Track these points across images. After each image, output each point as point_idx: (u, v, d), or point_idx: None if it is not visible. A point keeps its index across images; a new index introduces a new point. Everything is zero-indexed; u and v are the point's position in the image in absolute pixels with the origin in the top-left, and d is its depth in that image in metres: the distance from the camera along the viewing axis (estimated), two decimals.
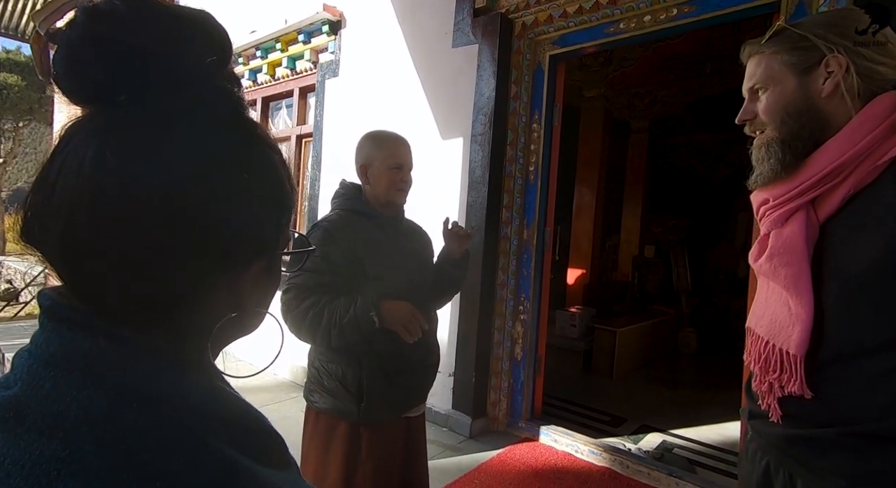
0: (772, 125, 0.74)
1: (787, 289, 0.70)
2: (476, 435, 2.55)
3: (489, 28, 2.56)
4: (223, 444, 0.30)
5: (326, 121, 3.36)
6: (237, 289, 0.35)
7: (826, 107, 0.69)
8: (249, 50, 3.81)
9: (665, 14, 2.12)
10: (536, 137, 2.58)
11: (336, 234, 1.16)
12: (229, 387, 0.37)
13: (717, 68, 4.45)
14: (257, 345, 0.95)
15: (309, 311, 1.10)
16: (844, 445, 0.64)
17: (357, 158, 1.26)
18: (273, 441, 0.35)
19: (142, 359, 0.30)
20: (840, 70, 0.67)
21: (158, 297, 0.31)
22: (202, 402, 0.31)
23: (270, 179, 0.36)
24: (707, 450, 2.54)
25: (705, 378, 3.92)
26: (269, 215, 0.36)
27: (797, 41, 0.70)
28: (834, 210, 0.67)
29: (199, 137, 0.31)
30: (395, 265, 1.19)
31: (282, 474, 0.33)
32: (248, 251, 0.35)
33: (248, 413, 0.34)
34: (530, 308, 2.60)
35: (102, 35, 0.30)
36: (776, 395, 0.71)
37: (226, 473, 0.29)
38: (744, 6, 1.93)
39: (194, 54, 0.32)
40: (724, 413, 2.94)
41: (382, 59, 3.05)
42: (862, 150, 0.64)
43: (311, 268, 1.13)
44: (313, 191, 3.41)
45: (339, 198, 1.27)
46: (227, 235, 0.32)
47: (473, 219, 2.59)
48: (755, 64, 0.75)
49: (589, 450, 2.33)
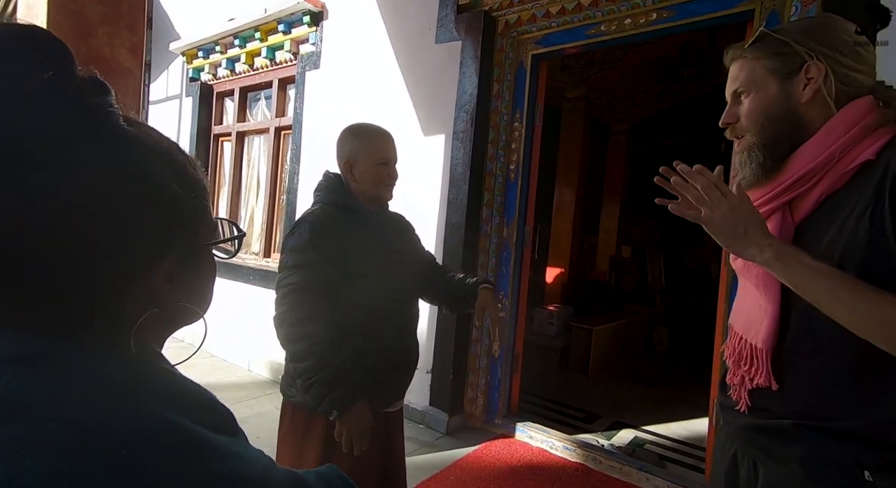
0: (752, 129, 0.75)
1: (758, 287, 0.72)
2: (452, 431, 2.56)
3: (472, 25, 2.56)
4: (179, 416, 0.32)
5: (306, 113, 3.30)
6: (150, 287, 0.37)
7: (805, 112, 0.71)
8: (227, 38, 3.71)
9: (644, 18, 2.16)
10: (518, 136, 2.59)
11: (323, 229, 1.13)
12: (175, 370, 0.39)
13: (695, 74, 4.56)
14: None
15: (301, 326, 1.07)
16: (800, 435, 0.67)
17: (340, 154, 1.23)
18: (220, 412, 0.37)
19: (90, 352, 0.33)
20: (819, 76, 0.69)
21: (65, 303, 0.33)
22: (154, 382, 0.34)
23: (149, 183, 0.36)
24: (676, 446, 2.61)
25: (676, 376, 4.02)
26: (152, 219, 0.36)
27: (778, 47, 0.72)
28: (808, 212, 0.70)
29: (57, 155, 0.32)
30: (380, 262, 1.18)
31: (235, 439, 0.35)
32: (139, 254, 0.36)
33: (197, 390, 0.37)
34: (509, 305, 2.61)
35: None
36: (747, 387, 0.74)
37: (187, 441, 0.31)
38: (720, 13, 1.97)
39: (26, 75, 0.31)
40: (693, 409, 3.03)
41: (365, 52, 3.01)
42: (832, 155, 0.66)
43: (304, 263, 1.10)
44: (292, 185, 3.35)
45: (323, 192, 1.23)
46: (106, 244, 0.34)
47: (454, 216, 2.59)
48: (738, 68, 0.77)
49: (563, 446, 2.37)
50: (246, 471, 0.33)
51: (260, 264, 3.61)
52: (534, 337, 3.90)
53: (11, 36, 0.32)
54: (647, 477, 2.12)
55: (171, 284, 0.39)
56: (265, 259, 3.67)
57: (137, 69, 1.98)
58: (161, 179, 0.37)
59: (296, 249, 1.12)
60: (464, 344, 2.64)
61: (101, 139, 0.34)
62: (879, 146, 0.64)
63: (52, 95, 0.32)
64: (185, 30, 4.22)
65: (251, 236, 3.95)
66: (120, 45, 1.80)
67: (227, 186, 4.09)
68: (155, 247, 0.37)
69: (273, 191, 3.69)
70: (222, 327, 3.73)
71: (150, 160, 0.37)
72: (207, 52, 3.96)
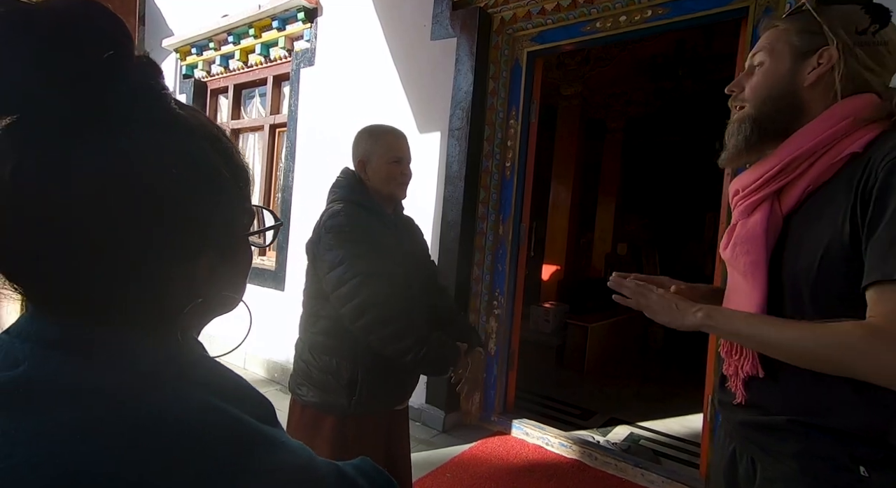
0: (752, 102, 0.74)
1: (745, 276, 0.72)
2: (449, 429, 2.56)
3: (468, 22, 2.55)
4: (228, 405, 0.32)
5: (301, 111, 3.28)
6: (193, 278, 0.36)
7: (807, 96, 0.70)
8: (221, 35, 3.68)
9: (640, 15, 2.16)
10: (513, 133, 2.59)
11: (359, 220, 1.13)
12: (216, 360, 0.39)
13: (689, 72, 4.57)
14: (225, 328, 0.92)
15: (385, 308, 1.07)
16: (795, 431, 0.67)
17: (354, 153, 1.23)
18: (263, 402, 0.37)
19: (138, 341, 0.33)
20: (829, 63, 0.67)
21: (113, 291, 0.32)
22: (201, 371, 0.34)
23: (201, 170, 0.35)
24: (671, 442, 2.63)
25: (671, 372, 4.05)
26: (203, 207, 0.35)
27: (810, 25, 0.69)
28: (794, 204, 0.69)
29: (111, 137, 0.31)
30: (393, 261, 1.17)
31: (280, 430, 0.35)
32: (187, 242, 0.35)
33: (240, 380, 0.37)
34: (505, 303, 2.61)
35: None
36: (741, 378, 0.75)
37: (238, 430, 0.31)
38: (715, 10, 1.98)
39: (85, 55, 0.30)
40: (688, 406, 3.05)
41: (360, 49, 2.99)
42: (821, 144, 0.65)
43: (364, 252, 1.09)
44: (287, 182, 3.33)
45: (344, 189, 1.20)
46: (158, 231, 0.33)
47: (450, 214, 2.59)
48: (766, 37, 0.75)
49: (559, 443, 2.38)
50: (293, 461, 0.33)
51: (255, 262, 3.59)
52: (530, 334, 3.91)
53: (71, 11, 0.30)
54: (643, 473, 2.13)
55: (213, 274, 0.38)
56: (260, 257, 3.65)
57: None
58: (211, 166, 0.36)
59: (349, 240, 1.10)
60: None
61: (156, 122, 0.33)
62: (868, 139, 0.63)
63: (110, 75, 0.31)
64: (178, 26, 4.18)
65: None
66: None
67: None
68: (202, 236, 0.36)
69: (268, 189, 3.67)
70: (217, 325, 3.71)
71: (201, 145, 0.36)
72: (201, 48, 3.92)
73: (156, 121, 0.33)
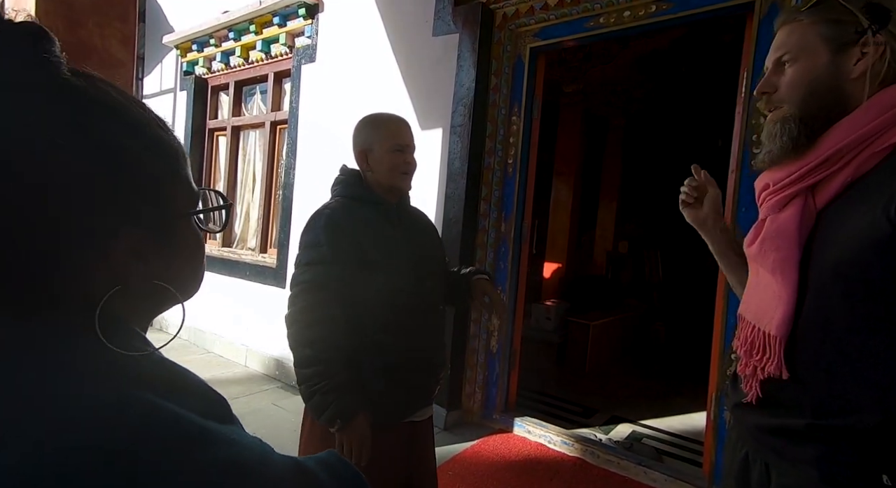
0: (792, 101, 0.70)
1: (774, 273, 0.69)
2: (451, 427, 2.56)
3: (470, 17, 2.53)
4: (164, 400, 0.30)
5: (302, 107, 3.26)
6: (112, 262, 0.34)
7: (851, 89, 0.66)
8: (222, 31, 3.66)
9: (644, 10, 2.14)
10: (516, 130, 2.57)
11: (341, 221, 1.08)
12: (160, 354, 0.37)
13: (692, 68, 4.54)
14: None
15: (310, 329, 1.03)
16: (814, 436, 0.65)
17: (355, 144, 1.17)
18: (211, 397, 0.35)
19: (56, 334, 0.31)
20: (875, 53, 0.63)
21: (13, 281, 0.30)
22: (134, 366, 0.32)
23: (96, 141, 0.33)
24: (674, 440, 2.62)
25: (674, 370, 4.04)
26: (103, 183, 0.33)
27: (840, 13, 0.65)
28: (832, 196, 0.66)
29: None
30: (399, 253, 1.12)
31: (231, 427, 0.34)
32: (91, 223, 0.32)
33: (184, 374, 0.35)
34: (506, 301, 2.61)
35: None
36: (759, 378, 0.72)
37: (178, 427, 0.29)
38: (719, 5, 1.96)
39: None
40: (690, 403, 3.04)
41: (361, 45, 2.98)
42: (864, 136, 0.62)
43: (318, 259, 1.06)
44: (288, 180, 3.32)
45: (340, 185, 1.18)
46: (51, 210, 0.30)
47: (451, 211, 2.58)
48: (787, 32, 0.71)
49: (561, 441, 2.37)
50: (244, 457, 0.31)
51: (256, 260, 3.59)
52: (531, 332, 3.91)
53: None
54: (645, 471, 2.13)
55: (140, 260, 0.35)
56: (261, 254, 3.64)
57: (130, 61, 1.94)
58: (111, 138, 0.33)
59: (310, 245, 1.08)
60: (462, 340, 2.63)
61: (36, 89, 0.31)
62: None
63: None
64: (179, 22, 4.16)
65: (247, 232, 3.92)
66: (111, 35, 1.77)
67: (222, 182, 4.05)
68: (111, 216, 0.33)
69: (269, 187, 3.66)
70: (218, 323, 3.71)
71: (98, 116, 0.33)
72: (202, 45, 3.91)
73: (36, 87, 0.31)
